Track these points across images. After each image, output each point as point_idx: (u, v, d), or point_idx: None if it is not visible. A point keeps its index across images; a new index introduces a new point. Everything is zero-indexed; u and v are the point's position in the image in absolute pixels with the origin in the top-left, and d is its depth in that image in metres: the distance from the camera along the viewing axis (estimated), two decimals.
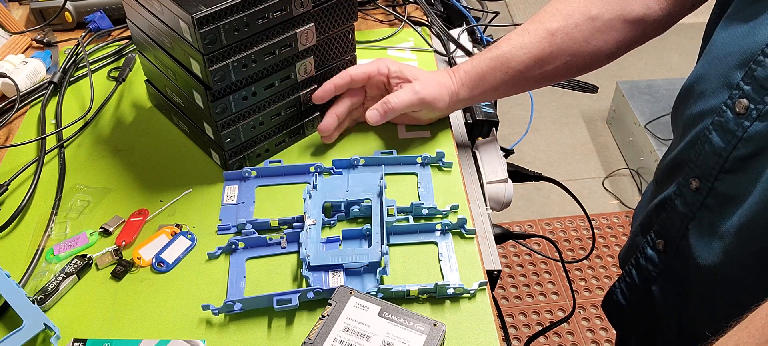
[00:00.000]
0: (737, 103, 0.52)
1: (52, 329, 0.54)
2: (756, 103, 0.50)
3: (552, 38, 0.68)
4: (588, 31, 0.67)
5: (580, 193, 2.01)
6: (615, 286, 0.74)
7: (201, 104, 0.66)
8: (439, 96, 0.70)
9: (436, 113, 0.74)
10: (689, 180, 0.58)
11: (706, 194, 0.56)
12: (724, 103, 0.53)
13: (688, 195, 0.58)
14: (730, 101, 0.53)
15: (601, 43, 0.68)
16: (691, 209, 0.58)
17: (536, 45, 0.68)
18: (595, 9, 0.67)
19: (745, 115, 0.51)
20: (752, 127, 0.51)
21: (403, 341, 0.52)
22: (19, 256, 0.63)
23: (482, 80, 0.70)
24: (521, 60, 0.69)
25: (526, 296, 1.72)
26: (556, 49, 0.68)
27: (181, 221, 0.66)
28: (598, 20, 0.67)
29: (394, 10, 0.97)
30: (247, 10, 0.60)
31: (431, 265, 0.62)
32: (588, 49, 0.68)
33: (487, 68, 0.70)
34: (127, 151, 0.75)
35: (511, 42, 0.69)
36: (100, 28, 0.93)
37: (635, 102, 2.09)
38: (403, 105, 0.69)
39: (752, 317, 0.40)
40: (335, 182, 0.69)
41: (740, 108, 0.52)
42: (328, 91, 0.71)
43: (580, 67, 0.70)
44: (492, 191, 0.77)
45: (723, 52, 0.55)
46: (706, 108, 0.56)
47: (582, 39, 0.68)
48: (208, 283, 0.60)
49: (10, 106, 0.80)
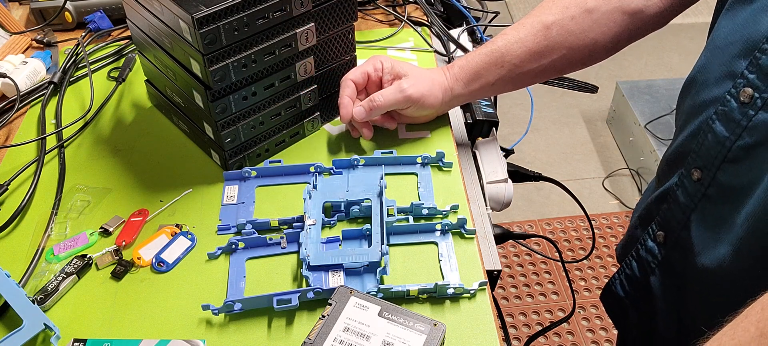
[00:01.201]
0: (742, 93, 0.51)
1: (52, 329, 0.54)
2: (761, 92, 0.50)
3: (548, 31, 0.67)
4: (585, 23, 0.67)
5: (580, 193, 2.01)
6: (614, 278, 0.73)
7: (201, 104, 0.66)
8: (428, 93, 0.70)
9: (429, 111, 0.73)
10: (691, 170, 0.57)
11: (708, 184, 0.56)
12: (728, 92, 0.52)
13: (690, 186, 0.58)
14: (734, 90, 0.52)
15: (598, 36, 0.68)
16: (693, 200, 0.58)
17: (532, 38, 0.68)
18: (592, 1, 0.67)
19: (749, 105, 0.51)
20: (757, 117, 0.50)
21: (403, 341, 0.52)
22: (19, 256, 0.63)
23: (477, 75, 0.70)
24: (517, 54, 0.68)
25: (526, 296, 1.72)
26: (552, 43, 0.68)
27: (181, 221, 0.66)
28: (596, 12, 0.67)
29: (394, 10, 0.97)
30: (247, 10, 0.60)
31: (431, 265, 0.62)
32: (585, 41, 0.68)
33: (483, 63, 0.70)
34: (127, 151, 0.75)
35: (506, 36, 0.69)
36: (100, 28, 0.93)
37: (635, 102, 2.09)
38: (389, 103, 0.69)
39: (748, 312, 0.40)
40: (335, 182, 0.69)
41: (745, 97, 0.51)
42: (349, 105, 0.71)
43: (578, 61, 0.70)
44: (492, 191, 0.77)
45: (725, 41, 0.54)
46: (709, 98, 0.55)
47: (579, 31, 0.67)
48: (208, 283, 0.60)
49: (10, 106, 0.80)
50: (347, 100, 0.71)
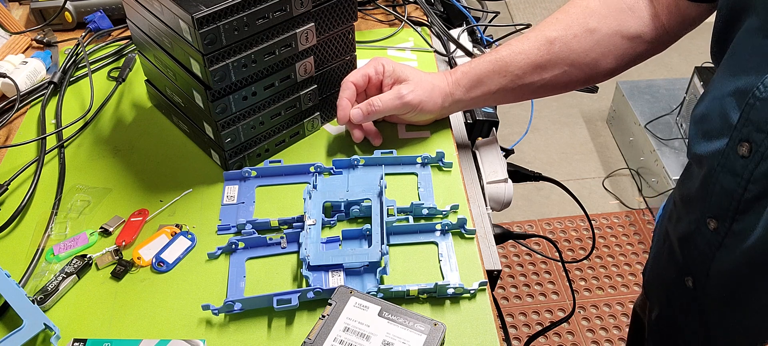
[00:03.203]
0: (740, 146, 0.51)
1: (52, 329, 0.54)
2: (758, 146, 0.50)
3: (550, 46, 0.68)
4: (587, 43, 0.67)
5: (580, 193, 2.01)
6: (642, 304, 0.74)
7: (201, 104, 0.66)
8: (427, 99, 0.70)
9: (429, 116, 0.73)
10: (707, 220, 0.58)
11: (724, 234, 0.56)
12: (727, 145, 0.52)
13: (708, 234, 0.58)
14: (732, 143, 0.52)
15: (599, 56, 0.68)
16: (711, 249, 0.58)
17: (535, 51, 0.68)
18: (594, 22, 0.67)
19: (749, 158, 0.51)
20: (758, 169, 0.50)
21: (403, 341, 0.51)
22: (19, 256, 0.63)
23: (480, 82, 0.70)
24: (520, 65, 0.69)
25: (526, 296, 1.72)
26: (554, 57, 0.68)
27: (181, 221, 0.66)
28: (597, 33, 0.67)
29: (394, 10, 0.97)
30: (247, 10, 0.60)
31: (431, 265, 0.62)
32: (586, 60, 0.68)
33: (485, 70, 0.70)
34: (127, 151, 0.75)
35: (510, 47, 0.70)
36: (100, 28, 0.93)
37: (635, 102, 2.09)
38: (387, 108, 0.69)
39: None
40: (335, 182, 0.69)
41: (743, 151, 0.51)
42: (347, 107, 0.71)
43: (580, 79, 0.70)
44: (492, 191, 0.77)
45: (721, 92, 0.54)
46: (712, 150, 0.55)
47: (580, 50, 0.68)
48: (208, 283, 0.60)
49: (10, 106, 0.80)
50: (346, 103, 0.70)
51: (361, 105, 0.70)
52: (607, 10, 0.67)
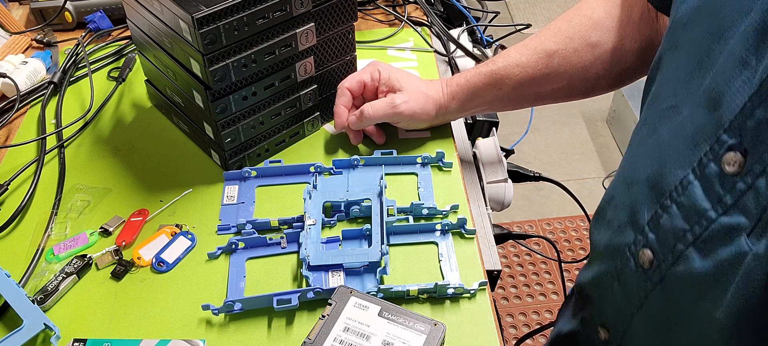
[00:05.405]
0: (641, 253, 0.42)
1: (52, 329, 0.54)
2: (660, 261, 0.41)
3: (549, 60, 0.65)
4: (587, 58, 0.64)
5: (580, 193, 2.01)
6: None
7: (201, 104, 0.66)
8: (421, 110, 0.69)
9: (422, 125, 0.73)
10: (597, 327, 0.50)
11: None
12: (629, 247, 0.44)
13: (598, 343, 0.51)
14: (634, 247, 0.43)
15: (600, 71, 0.65)
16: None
17: (533, 64, 0.66)
18: (596, 36, 0.64)
19: (649, 271, 0.42)
20: (654, 292, 0.41)
21: (403, 341, 0.51)
22: (19, 256, 0.63)
23: (475, 95, 0.69)
24: (516, 78, 0.66)
25: (526, 296, 1.72)
26: (553, 71, 0.65)
27: (181, 221, 0.66)
28: (598, 48, 0.64)
29: (394, 10, 0.97)
30: (247, 10, 0.60)
31: (431, 265, 0.62)
32: (587, 76, 0.65)
33: (481, 84, 0.68)
34: (127, 151, 0.75)
35: (508, 58, 0.67)
36: (100, 28, 0.93)
37: (635, 102, 2.09)
38: (378, 116, 0.69)
39: None
40: (335, 182, 0.69)
41: (644, 260, 0.42)
42: (343, 114, 0.71)
43: (579, 92, 0.68)
44: (492, 191, 0.77)
45: (632, 176, 0.45)
46: (612, 245, 0.47)
47: (580, 66, 0.65)
48: (208, 283, 0.60)
49: (10, 106, 0.80)
50: (342, 109, 0.71)
51: (355, 112, 0.70)
52: (612, 22, 0.63)
